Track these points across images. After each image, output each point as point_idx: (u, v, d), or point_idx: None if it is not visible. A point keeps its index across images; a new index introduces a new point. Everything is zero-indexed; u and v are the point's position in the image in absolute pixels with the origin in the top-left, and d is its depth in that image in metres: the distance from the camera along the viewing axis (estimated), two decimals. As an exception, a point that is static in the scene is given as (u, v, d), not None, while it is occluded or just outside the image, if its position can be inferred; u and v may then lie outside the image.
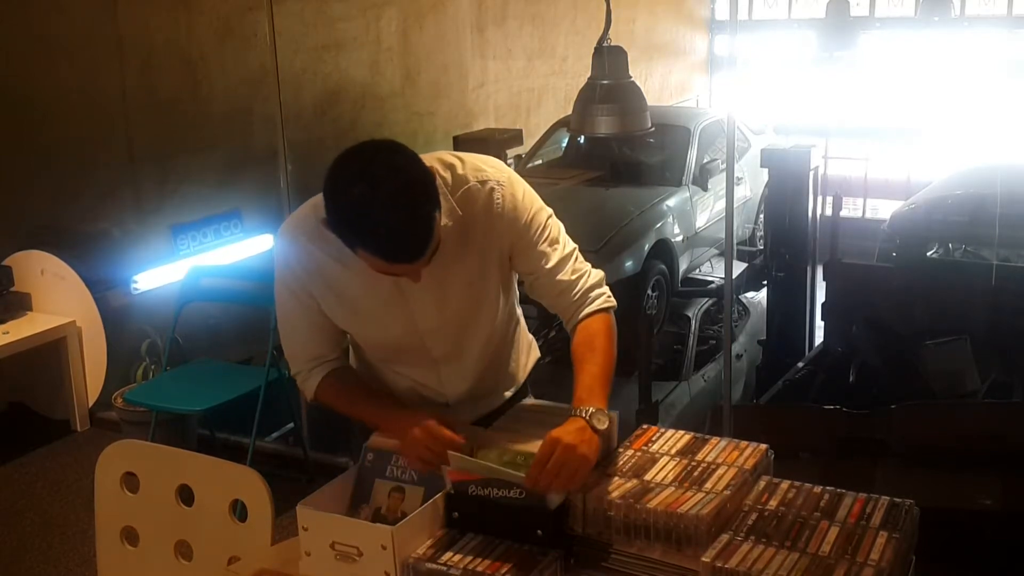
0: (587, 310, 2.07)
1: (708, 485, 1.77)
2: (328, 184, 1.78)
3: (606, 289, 2.11)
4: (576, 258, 2.10)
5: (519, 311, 2.29)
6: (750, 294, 8.33)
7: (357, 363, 2.23)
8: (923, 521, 1.76)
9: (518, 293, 2.25)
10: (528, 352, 2.34)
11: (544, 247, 2.05)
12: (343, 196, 1.76)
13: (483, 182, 2.00)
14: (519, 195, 2.02)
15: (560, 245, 2.07)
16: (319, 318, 2.06)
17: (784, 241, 7.06)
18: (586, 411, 1.86)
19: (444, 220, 1.88)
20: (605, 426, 1.86)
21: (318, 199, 1.89)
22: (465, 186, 1.98)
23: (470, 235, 1.99)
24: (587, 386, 1.94)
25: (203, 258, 5.89)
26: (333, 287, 2.02)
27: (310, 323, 2.07)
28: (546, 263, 2.05)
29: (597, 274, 2.11)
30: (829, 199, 7.25)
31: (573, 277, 2.07)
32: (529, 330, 2.38)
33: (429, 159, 1.96)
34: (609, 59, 4.43)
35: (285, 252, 2.04)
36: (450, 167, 1.99)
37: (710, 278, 8.15)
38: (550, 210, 2.09)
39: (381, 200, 1.74)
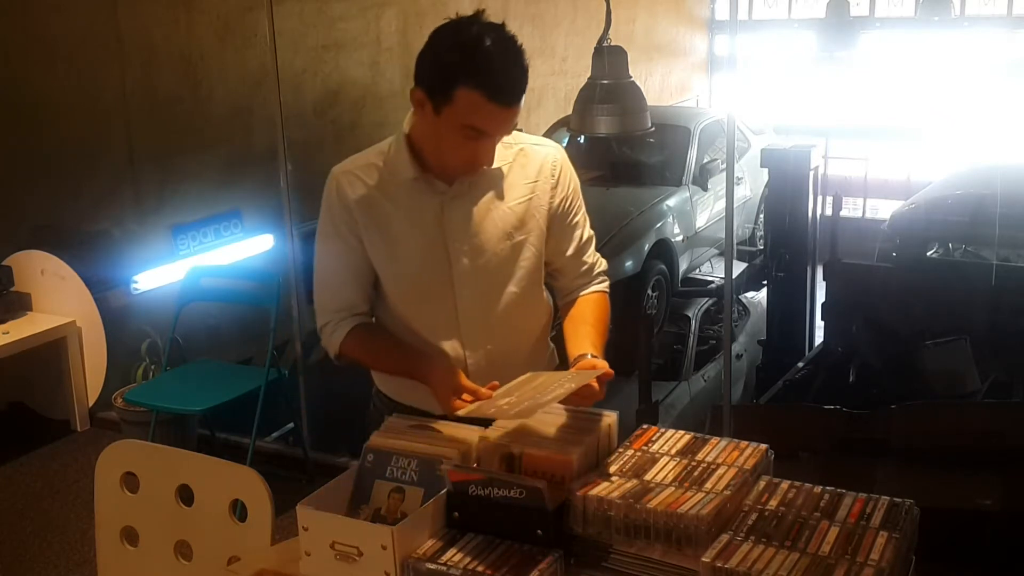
0: (589, 289, 2.26)
1: (708, 485, 1.77)
2: (434, 38, 1.98)
3: (607, 278, 2.31)
4: (594, 242, 2.29)
5: (550, 304, 2.35)
6: (750, 294, 8.32)
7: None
8: (923, 521, 1.76)
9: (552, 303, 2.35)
10: (551, 358, 2.36)
11: (577, 219, 2.22)
12: (456, 37, 1.95)
13: (540, 145, 2.19)
14: (571, 169, 2.21)
15: (586, 227, 2.26)
16: (358, 260, 2.13)
17: (784, 241, 7.06)
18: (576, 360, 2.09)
19: (497, 162, 2.08)
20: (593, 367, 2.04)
21: (372, 148, 2.14)
22: (521, 145, 2.15)
23: (520, 187, 2.14)
24: (578, 341, 2.15)
25: (203, 258, 5.89)
26: (379, 223, 2.10)
27: (347, 265, 2.14)
28: (571, 243, 2.22)
29: (604, 263, 2.31)
30: (829, 199, 7.25)
31: (590, 261, 2.26)
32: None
33: None
34: (609, 59, 4.44)
35: (336, 188, 2.12)
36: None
37: (710, 278, 8.15)
38: None
39: (495, 39, 1.94)
